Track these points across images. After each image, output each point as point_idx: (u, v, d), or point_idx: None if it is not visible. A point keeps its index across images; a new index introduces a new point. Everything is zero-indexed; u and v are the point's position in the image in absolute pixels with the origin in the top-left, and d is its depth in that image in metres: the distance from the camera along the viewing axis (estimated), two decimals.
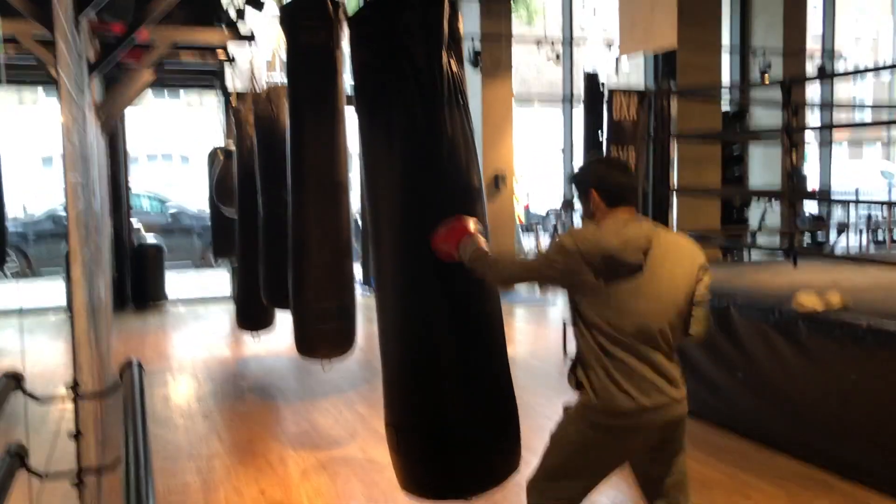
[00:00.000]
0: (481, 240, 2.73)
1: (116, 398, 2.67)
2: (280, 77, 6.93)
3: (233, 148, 8.02)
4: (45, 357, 6.86)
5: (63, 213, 10.29)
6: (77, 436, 2.52)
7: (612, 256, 2.61)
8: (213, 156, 8.97)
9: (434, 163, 2.69)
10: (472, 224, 2.75)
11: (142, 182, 15.59)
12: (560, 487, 2.74)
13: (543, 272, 2.69)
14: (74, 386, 2.55)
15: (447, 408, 2.73)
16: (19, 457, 1.91)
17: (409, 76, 2.64)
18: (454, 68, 2.73)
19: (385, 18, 2.67)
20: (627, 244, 2.62)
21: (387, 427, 2.90)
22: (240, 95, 7.24)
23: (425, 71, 2.64)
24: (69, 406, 2.64)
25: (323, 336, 4.76)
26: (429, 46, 2.64)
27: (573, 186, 2.94)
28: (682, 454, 2.88)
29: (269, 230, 5.89)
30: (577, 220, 11.48)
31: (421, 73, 2.64)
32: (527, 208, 17.04)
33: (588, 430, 2.71)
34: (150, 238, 11.07)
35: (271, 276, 5.90)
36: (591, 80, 8.00)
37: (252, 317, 7.00)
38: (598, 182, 2.75)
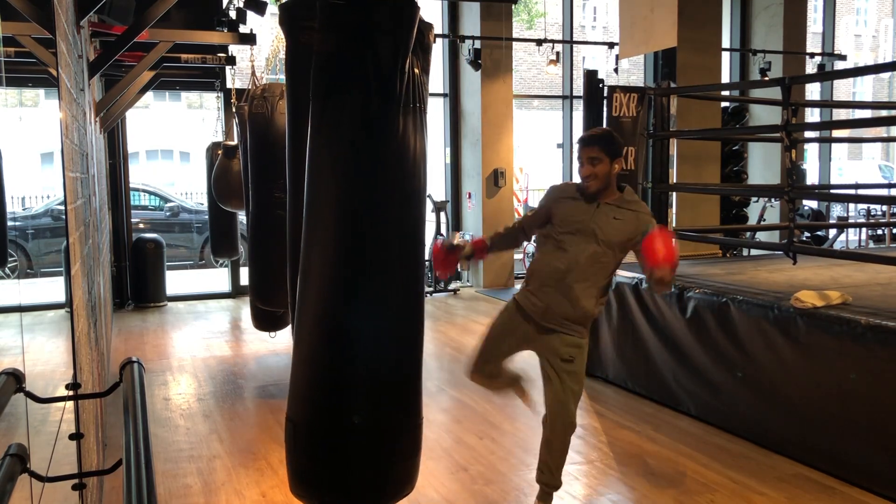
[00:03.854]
0: None
1: (116, 398, 2.66)
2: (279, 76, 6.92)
3: (231, 143, 8.01)
4: (44, 356, 6.85)
5: (60, 208, 10.29)
6: (77, 437, 2.51)
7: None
8: (211, 151, 8.95)
9: (378, 164, 2.67)
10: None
11: (141, 178, 15.58)
12: None
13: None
14: (74, 386, 2.54)
15: (351, 412, 2.67)
16: (20, 459, 1.90)
17: (368, 73, 2.63)
18: (417, 73, 2.72)
19: (357, 11, 2.66)
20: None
21: (286, 422, 2.83)
22: (240, 92, 7.23)
23: (386, 71, 2.63)
24: (69, 406, 2.63)
25: None
26: (395, 49, 2.64)
27: (603, 147, 3.49)
28: None
29: (267, 229, 5.87)
30: None
31: (381, 72, 2.63)
32: (525, 202, 17.03)
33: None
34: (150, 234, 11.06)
35: (262, 276, 5.90)
36: (591, 77, 8.01)
37: (269, 316, 6.97)
38: (621, 153, 3.56)
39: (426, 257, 2.78)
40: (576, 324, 3.58)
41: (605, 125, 6.63)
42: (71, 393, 2.41)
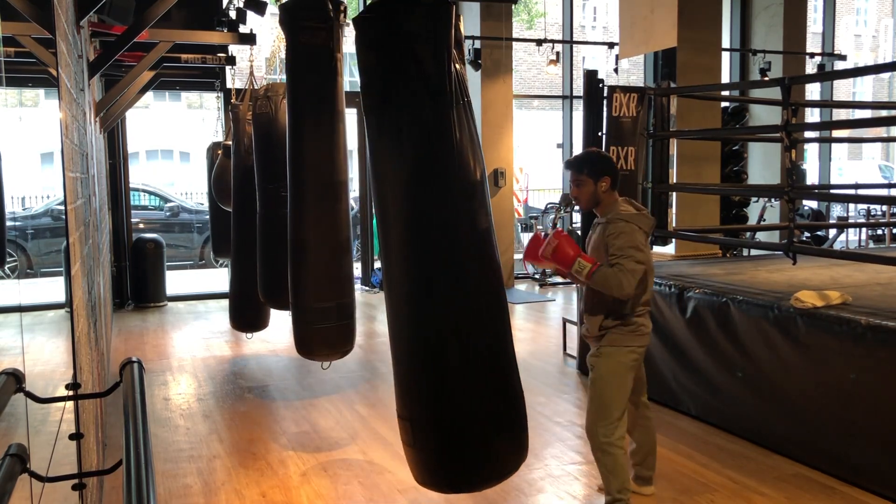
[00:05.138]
0: (586, 259, 3.46)
1: (116, 398, 2.66)
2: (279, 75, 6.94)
3: (230, 143, 8.01)
4: (44, 356, 6.84)
5: (60, 208, 10.29)
6: (77, 437, 2.51)
7: (654, 225, 3.65)
8: (211, 151, 8.95)
9: (443, 164, 2.74)
10: (561, 242, 3.48)
11: (141, 178, 15.58)
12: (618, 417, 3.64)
13: (641, 263, 3.46)
14: (74, 386, 2.54)
15: (458, 401, 2.78)
16: (20, 459, 1.90)
17: (417, 80, 2.68)
18: (458, 69, 2.77)
19: (392, 21, 2.69)
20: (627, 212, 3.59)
21: (400, 420, 2.92)
22: (239, 92, 7.24)
23: (433, 74, 2.67)
24: (69, 406, 2.63)
25: (322, 336, 4.76)
26: (436, 50, 2.67)
27: (582, 170, 3.63)
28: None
29: (267, 229, 5.88)
30: (577, 215, 11.48)
31: (429, 76, 2.67)
32: (525, 202, 17.04)
33: (629, 358, 3.62)
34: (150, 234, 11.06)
35: (269, 274, 5.90)
36: (591, 77, 8.01)
37: (246, 317, 7.00)
38: (611, 169, 3.64)
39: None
40: (597, 334, 3.70)
41: (605, 125, 6.62)
42: (71, 393, 2.41)
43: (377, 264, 10.91)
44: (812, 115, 12.84)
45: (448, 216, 2.74)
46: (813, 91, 13.80)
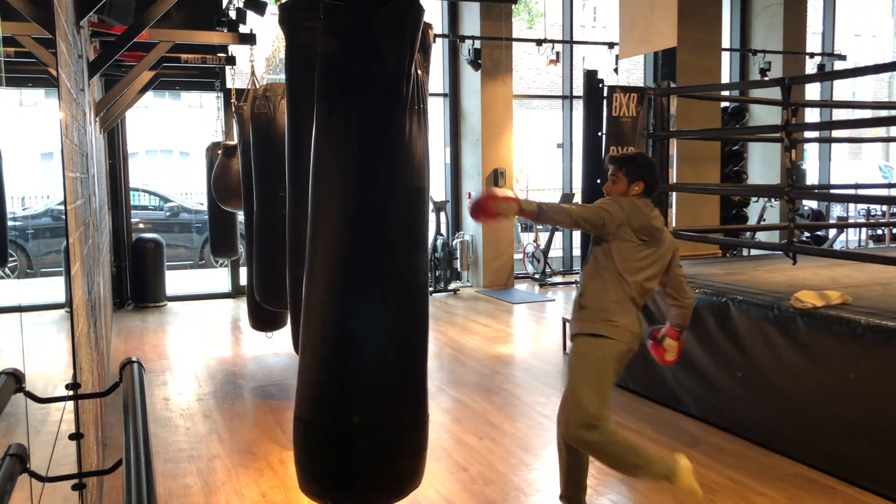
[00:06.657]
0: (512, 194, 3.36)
1: (116, 398, 2.66)
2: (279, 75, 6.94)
3: (231, 143, 8.01)
4: (44, 356, 6.84)
5: (60, 208, 10.30)
6: (77, 437, 2.51)
7: (655, 229, 3.54)
8: (211, 151, 8.94)
9: (388, 166, 2.67)
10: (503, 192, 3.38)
11: (141, 178, 15.56)
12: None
13: (597, 213, 3.47)
14: (74, 386, 2.54)
15: (361, 413, 2.69)
16: (20, 459, 1.90)
17: (375, 76, 2.62)
18: (420, 75, 2.72)
19: (360, 13, 2.64)
20: (661, 222, 3.60)
21: (296, 422, 2.85)
22: (240, 92, 7.23)
23: (393, 74, 2.62)
24: (69, 406, 2.63)
25: None
26: (400, 50, 2.62)
27: (622, 167, 3.64)
28: None
29: (265, 229, 5.88)
30: None
31: (388, 75, 2.62)
32: None
33: (611, 352, 3.47)
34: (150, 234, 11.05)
35: (266, 275, 5.89)
36: (591, 77, 8.01)
37: (266, 316, 6.97)
38: (649, 177, 3.62)
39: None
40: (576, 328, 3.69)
41: (605, 125, 6.63)
42: (71, 393, 2.41)
43: None
44: (812, 115, 12.83)
45: (385, 219, 2.68)
46: (813, 91, 13.79)
